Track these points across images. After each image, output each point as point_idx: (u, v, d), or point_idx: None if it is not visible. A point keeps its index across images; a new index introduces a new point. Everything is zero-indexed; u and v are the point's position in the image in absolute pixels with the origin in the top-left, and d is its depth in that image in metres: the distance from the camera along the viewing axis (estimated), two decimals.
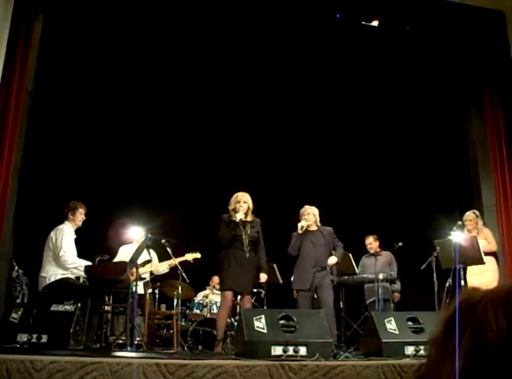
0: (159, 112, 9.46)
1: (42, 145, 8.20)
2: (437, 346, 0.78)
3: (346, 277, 7.90)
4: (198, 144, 9.72)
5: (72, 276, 6.15)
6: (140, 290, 6.75)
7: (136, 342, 6.10)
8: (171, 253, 6.93)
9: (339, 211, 9.29)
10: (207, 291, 8.46)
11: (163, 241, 6.92)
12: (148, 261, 6.74)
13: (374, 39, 8.34)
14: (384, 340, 4.78)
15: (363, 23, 7.93)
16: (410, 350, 4.71)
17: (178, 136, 9.59)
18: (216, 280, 8.54)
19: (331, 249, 6.71)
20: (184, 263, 7.16)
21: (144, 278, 7.02)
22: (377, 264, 7.90)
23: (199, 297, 8.27)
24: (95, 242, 7.35)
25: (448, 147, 8.27)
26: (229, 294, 6.20)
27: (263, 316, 4.59)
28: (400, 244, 7.97)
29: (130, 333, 5.97)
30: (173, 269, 7.22)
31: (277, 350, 4.35)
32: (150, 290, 7.36)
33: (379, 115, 9.88)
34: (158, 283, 7.63)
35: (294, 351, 4.36)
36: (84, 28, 8.03)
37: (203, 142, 9.74)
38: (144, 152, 9.34)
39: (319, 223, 6.87)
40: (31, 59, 6.66)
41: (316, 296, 6.62)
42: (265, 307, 7.68)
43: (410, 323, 5.03)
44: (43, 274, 6.08)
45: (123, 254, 7.14)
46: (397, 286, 8.18)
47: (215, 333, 7.30)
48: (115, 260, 7.00)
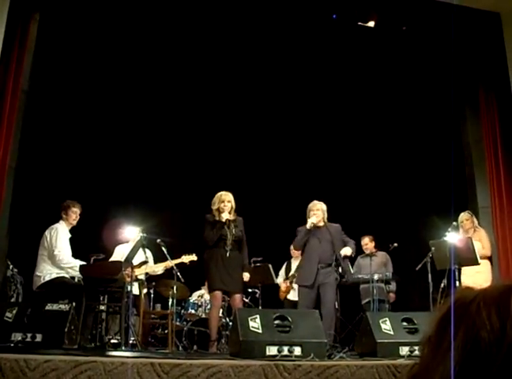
0: (153, 112, 9.44)
1: (37, 144, 8.19)
2: (430, 345, 0.78)
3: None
4: (193, 144, 9.70)
5: (67, 275, 6.14)
6: (135, 289, 6.75)
7: (131, 341, 6.09)
8: (167, 253, 6.92)
9: (334, 211, 9.28)
10: (202, 291, 8.44)
11: (158, 240, 6.92)
12: (144, 262, 6.74)
13: (370, 40, 8.35)
14: (379, 341, 4.79)
15: (360, 24, 7.94)
16: (405, 350, 4.72)
17: (173, 135, 9.57)
18: None
19: (338, 246, 6.56)
20: (179, 263, 7.16)
21: (140, 279, 7.02)
22: (372, 264, 7.91)
23: (194, 297, 8.25)
24: (90, 242, 7.33)
25: (443, 148, 8.28)
26: (218, 293, 6.23)
27: (258, 316, 4.59)
28: (395, 245, 7.98)
29: (125, 333, 5.97)
30: (168, 269, 7.22)
31: (272, 350, 4.35)
32: (145, 289, 7.35)
33: (375, 115, 9.89)
34: (153, 283, 7.62)
35: (289, 351, 4.37)
36: (80, 28, 8.01)
37: (198, 142, 9.72)
38: (139, 152, 9.32)
39: (326, 220, 6.78)
40: (26, 58, 6.65)
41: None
42: (260, 307, 7.67)
43: (405, 323, 5.03)
44: (38, 273, 6.07)
45: (119, 254, 7.13)
46: (393, 286, 8.18)
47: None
48: (111, 259, 6.99)
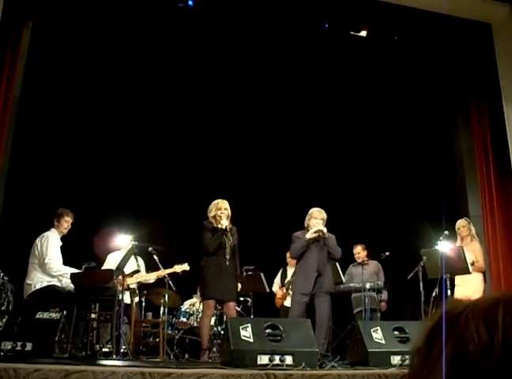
0: (146, 120, 9.44)
1: (29, 151, 8.17)
2: (419, 356, 0.78)
3: (333, 286, 7.88)
4: (184, 153, 9.70)
5: (58, 284, 6.11)
6: (126, 298, 6.72)
7: (122, 350, 6.05)
8: (158, 262, 6.90)
9: (327, 219, 9.29)
10: (194, 300, 8.41)
11: (150, 249, 6.90)
12: (136, 271, 6.71)
13: (362, 50, 8.39)
14: (370, 350, 4.79)
15: (352, 33, 7.98)
16: (396, 359, 4.72)
17: (164, 144, 9.58)
18: None
19: (334, 255, 6.59)
20: (171, 272, 7.13)
21: (132, 288, 6.98)
22: (364, 273, 7.90)
23: (186, 305, 8.23)
24: (81, 250, 7.30)
25: (435, 156, 8.32)
26: (212, 302, 6.16)
27: (249, 325, 4.58)
28: (387, 253, 7.98)
29: (116, 341, 5.93)
30: (160, 278, 7.19)
31: (263, 359, 4.34)
32: (137, 298, 7.32)
33: (368, 124, 9.92)
34: (145, 291, 7.59)
35: (280, 360, 4.36)
36: (73, 35, 8.03)
37: (189, 150, 9.73)
38: (131, 160, 9.31)
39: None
40: (19, 64, 6.66)
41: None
42: (252, 316, 7.65)
43: (396, 332, 5.04)
44: (29, 281, 6.04)
45: (111, 262, 7.10)
46: (384, 296, 8.18)
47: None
48: (103, 267, 6.96)
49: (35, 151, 8.41)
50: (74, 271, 6.15)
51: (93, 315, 6.55)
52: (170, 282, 7.07)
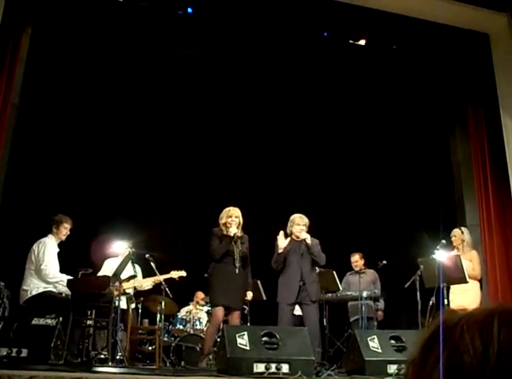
0: (144, 127, 9.45)
1: (27, 156, 8.17)
2: (414, 367, 0.78)
3: (330, 294, 7.87)
4: (183, 160, 9.71)
5: (54, 290, 6.09)
6: (123, 304, 6.70)
7: (118, 357, 6.04)
8: (155, 269, 6.89)
9: (323, 228, 9.29)
10: (190, 307, 8.41)
11: (147, 256, 6.88)
12: (132, 277, 6.70)
13: (361, 58, 8.41)
14: (367, 358, 4.78)
15: (351, 42, 8.01)
16: (393, 368, 4.71)
17: (162, 151, 9.59)
18: (200, 296, 8.51)
19: (318, 261, 6.42)
20: (168, 278, 7.12)
21: (128, 293, 6.97)
22: (361, 282, 7.89)
23: (182, 312, 8.21)
24: (78, 256, 7.28)
25: (432, 165, 8.33)
26: (220, 310, 6.00)
27: (246, 333, 4.58)
28: (384, 262, 7.97)
29: (112, 348, 5.91)
30: (156, 284, 7.18)
31: (260, 367, 4.33)
32: (133, 304, 7.30)
33: (365, 133, 9.94)
34: (141, 298, 7.57)
35: (276, 369, 4.35)
36: (72, 41, 8.04)
37: (188, 158, 9.74)
38: (129, 167, 9.31)
39: None
40: (17, 72, 6.65)
41: (299, 312, 6.49)
42: (249, 324, 7.64)
43: (393, 341, 5.03)
44: (25, 287, 6.02)
45: (108, 268, 7.08)
46: (381, 304, 8.17)
47: (198, 349, 7.27)
48: (101, 273, 6.94)
49: (33, 156, 8.41)
50: (70, 278, 6.14)
51: (89, 321, 6.53)
52: (167, 289, 7.06)
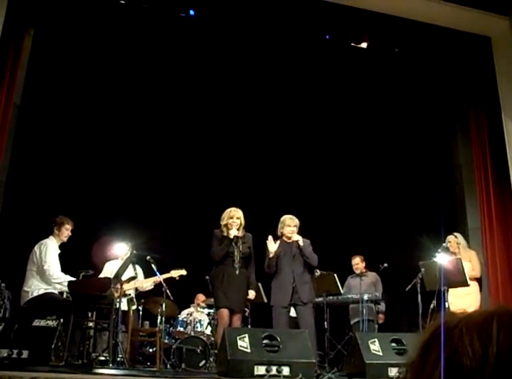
0: (145, 129, 9.45)
1: (29, 158, 8.18)
2: (413, 369, 0.78)
3: (331, 297, 7.87)
4: (184, 162, 9.72)
5: (55, 291, 6.09)
6: (124, 306, 6.70)
7: (118, 359, 6.03)
8: (156, 270, 6.89)
9: (324, 231, 9.29)
10: (191, 309, 8.40)
11: (148, 257, 6.89)
12: (133, 278, 6.70)
13: (363, 61, 8.42)
14: (368, 361, 4.78)
15: (353, 45, 8.02)
16: (393, 371, 4.71)
17: (163, 153, 9.60)
18: (201, 298, 8.51)
19: (310, 262, 6.35)
20: (169, 280, 7.11)
21: (128, 294, 6.97)
22: (362, 284, 7.88)
23: (183, 314, 8.21)
24: (79, 258, 7.28)
25: (434, 168, 8.33)
26: (224, 311, 5.96)
27: (247, 335, 4.58)
28: (385, 265, 7.96)
29: (113, 350, 5.91)
30: (157, 286, 7.17)
31: (260, 369, 4.33)
32: (134, 306, 7.29)
33: (367, 135, 9.94)
34: (142, 300, 7.58)
35: (277, 371, 4.35)
36: (74, 43, 8.06)
37: (188, 159, 9.74)
38: (130, 169, 9.31)
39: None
40: (20, 73, 6.66)
41: (295, 314, 6.43)
42: (249, 326, 7.63)
43: (394, 344, 5.03)
44: (26, 288, 6.02)
45: (109, 270, 7.09)
46: (382, 307, 8.16)
47: (198, 351, 7.27)
48: (101, 275, 6.95)
49: (34, 158, 8.42)
50: (73, 279, 6.14)
51: (90, 323, 6.53)
52: (167, 291, 7.05)
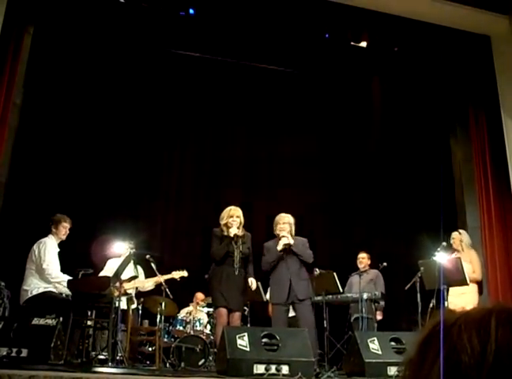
0: (144, 128, 9.45)
1: (28, 157, 8.17)
2: (411, 367, 0.78)
3: (330, 296, 7.85)
4: (183, 160, 9.72)
5: (54, 290, 6.09)
6: (123, 305, 6.70)
7: (118, 358, 6.03)
8: (156, 269, 6.88)
9: (325, 230, 9.30)
10: (190, 308, 8.39)
11: (147, 256, 6.88)
12: (134, 277, 6.69)
13: (362, 60, 8.42)
14: (367, 360, 4.78)
15: (352, 43, 8.01)
16: (393, 370, 4.71)
17: (163, 151, 9.61)
18: (200, 297, 8.49)
19: (306, 259, 6.32)
20: (169, 279, 7.11)
21: (129, 293, 6.96)
22: (361, 281, 7.86)
23: (182, 313, 8.20)
24: (79, 256, 7.28)
25: (433, 167, 8.32)
26: (223, 310, 5.96)
27: (246, 334, 4.58)
28: (384, 264, 7.95)
29: (112, 349, 5.90)
30: (157, 285, 7.17)
31: (260, 368, 4.33)
32: (134, 305, 7.28)
33: (366, 134, 9.94)
34: (141, 299, 7.57)
35: (276, 370, 4.35)
36: (74, 41, 8.06)
37: (188, 157, 9.75)
38: (130, 167, 9.30)
39: (293, 233, 6.45)
40: (19, 72, 6.66)
41: (294, 313, 6.41)
42: (249, 325, 7.63)
43: (393, 343, 5.03)
44: (25, 287, 6.01)
45: (110, 268, 7.07)
46: (381, 303, 8.14)
47: (198, 350, 7.26)
48: (102, 273, 6.93)
49: (34, 157, 8.41)
50: (71, 278, 6.13)
51: (89, 322, 6.52)
52: (167, 290, 7.04)
